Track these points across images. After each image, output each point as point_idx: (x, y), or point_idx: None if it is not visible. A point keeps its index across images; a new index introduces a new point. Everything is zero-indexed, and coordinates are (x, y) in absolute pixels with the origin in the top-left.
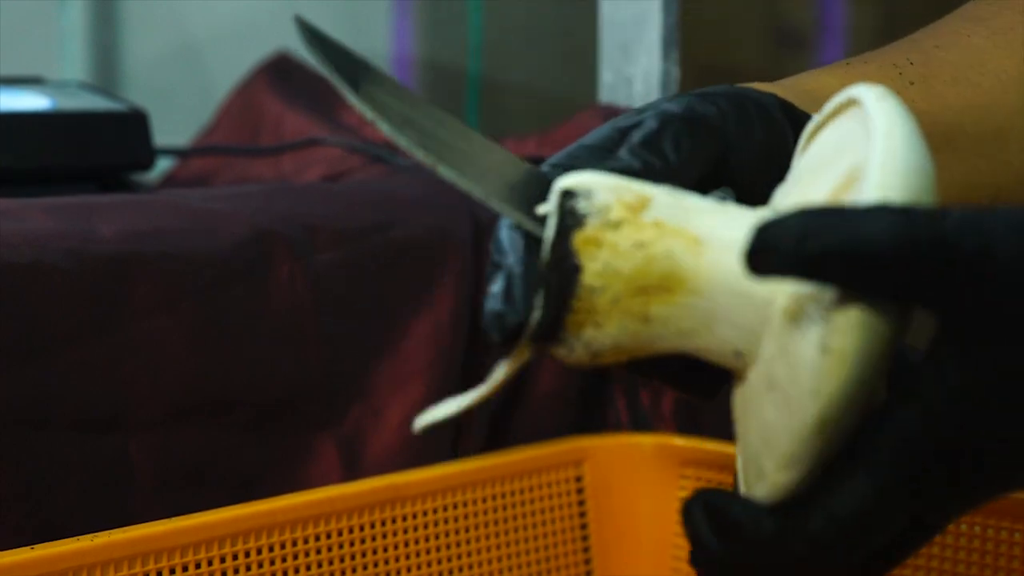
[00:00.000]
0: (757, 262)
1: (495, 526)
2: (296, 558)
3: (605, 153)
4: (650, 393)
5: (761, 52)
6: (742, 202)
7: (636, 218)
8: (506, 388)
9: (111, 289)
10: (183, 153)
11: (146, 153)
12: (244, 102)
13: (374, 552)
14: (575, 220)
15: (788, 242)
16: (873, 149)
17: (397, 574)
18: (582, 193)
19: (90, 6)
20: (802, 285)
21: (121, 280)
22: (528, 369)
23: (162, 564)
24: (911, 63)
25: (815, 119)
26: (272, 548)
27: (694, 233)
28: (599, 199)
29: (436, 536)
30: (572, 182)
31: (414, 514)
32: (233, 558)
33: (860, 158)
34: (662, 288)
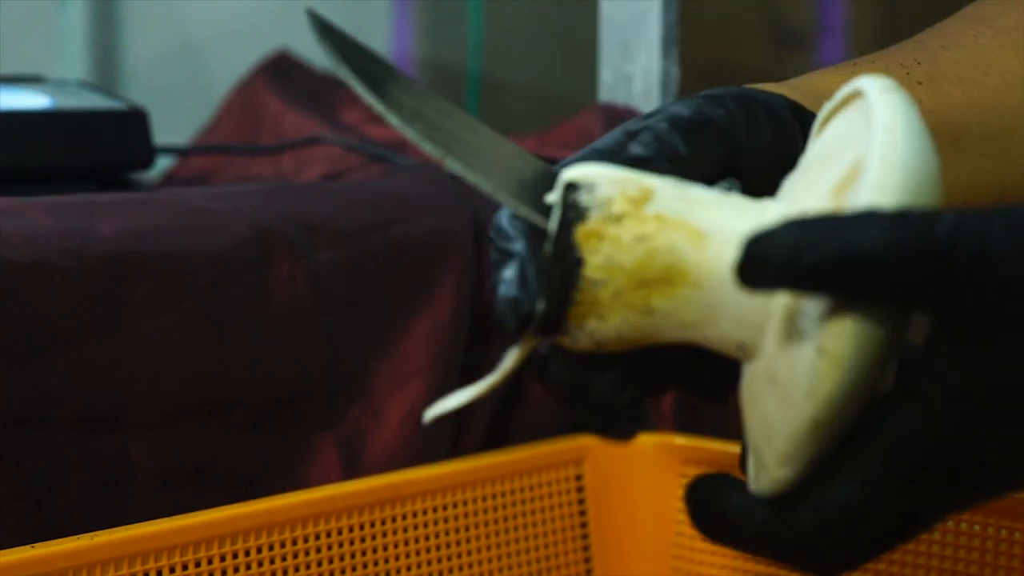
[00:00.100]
0: (749, 276)
1: (495, 525)
2: (296, 557)
3: (615, 156)
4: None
5: (761, 51)
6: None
7: (638, 211)
8: (506, 386)
9: (111, 289)
10: (183, 152)
11: (146, 152)
12: (244, 101)
13: (374, 551)
14: (577, 213)
15: (780, 255)
16: (873, 145)
17: (397, 573)
18: (585, 186)
19: (90, 6)
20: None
21: (121, 280)
22: (528, 368)
23: (162, 563)
24: (918, 63)
25: (826, 107)
26: (272, 547)
27: (697, 226)
28: (601, 192)
29: (436, 535)
30: (576, 174)
31: (414, 513)
32: (233, 557)
33: (862, 152)
34: (664, 281)
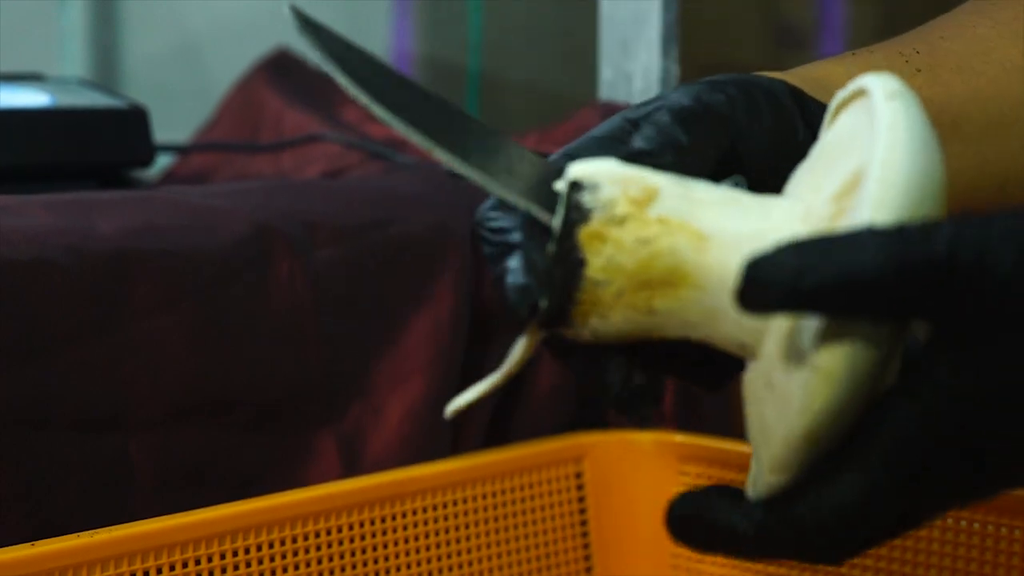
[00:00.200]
0: (750, 300)
1: (495, 523)
2: (296, 555)
3: (615, 143)
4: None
5: (761, 50)
6: (754, 188)
7: (641, 213)
8: (505, 384)
9: (111, 287)
10: (183, 150)
11: (146, 149)
12: (244, 99)
13: (374, 549)
14: (580, 215)
15: (781, 279)
16: (874, 159)
17: (397, 571)
18: (588, 186)
19: (90, 4)
20: None
21: (121, 278)
22: (528, 366)
23: (162, 561)
24: (917, 52)
25: (839, 96)
26: (272, 545)
27: (699, 228)
28: (605, 193)
29: (436, 533)
30: (580, 173)
31: (414, 511)
32: (233, 555)
33: (864, 162)
34: (666, 283)
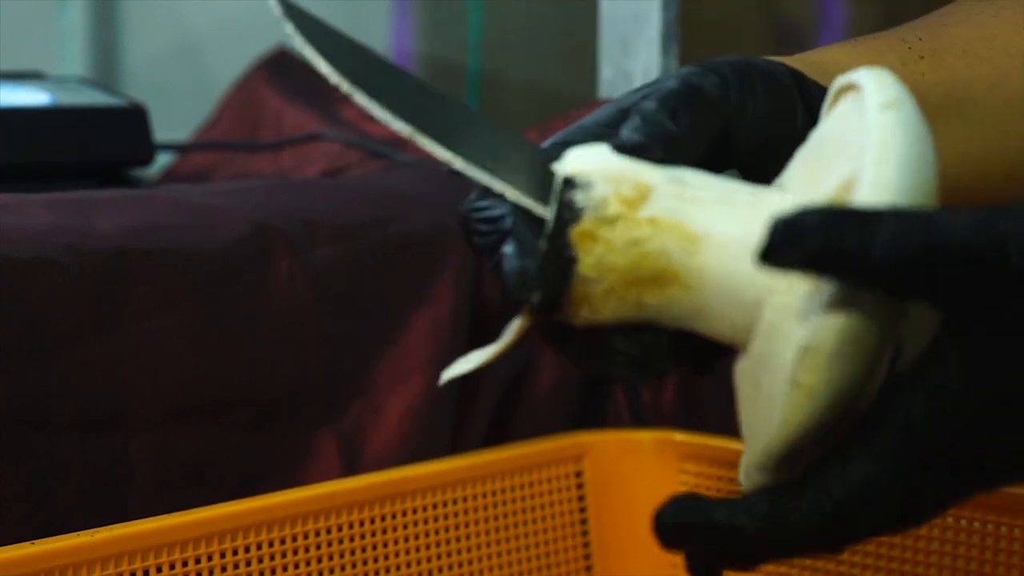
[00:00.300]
0: (773, 254)
1: (495, 522)
2: (296, 554)
3: (607, 132)
4: (650, 388)
5: (760, 49)
6: (751, 170)
7: (632, 213)
8: (505, 385)
9: (111, 287)
10: (183, 148)
11: (146, 148)
12: (244, 97)
13: (373, 548)
14: (572, 214)
15: (812, 238)
16: (864, 178)
17: (397, 569)
18: (581, 184)
19: (90, 4)
20: (786, 299)
21: (121, 277)
22: (527, 365)
23: (162, 560)
24: (920, 39)
25: (837, 83)
26: (272, 544)
27: (691, 229)
28: (597, 192)
29: (436, 532)
30: (574, 169)
31: (414, 509)
32: (233, 553)
33: (856, 170)
34: (655, 282)
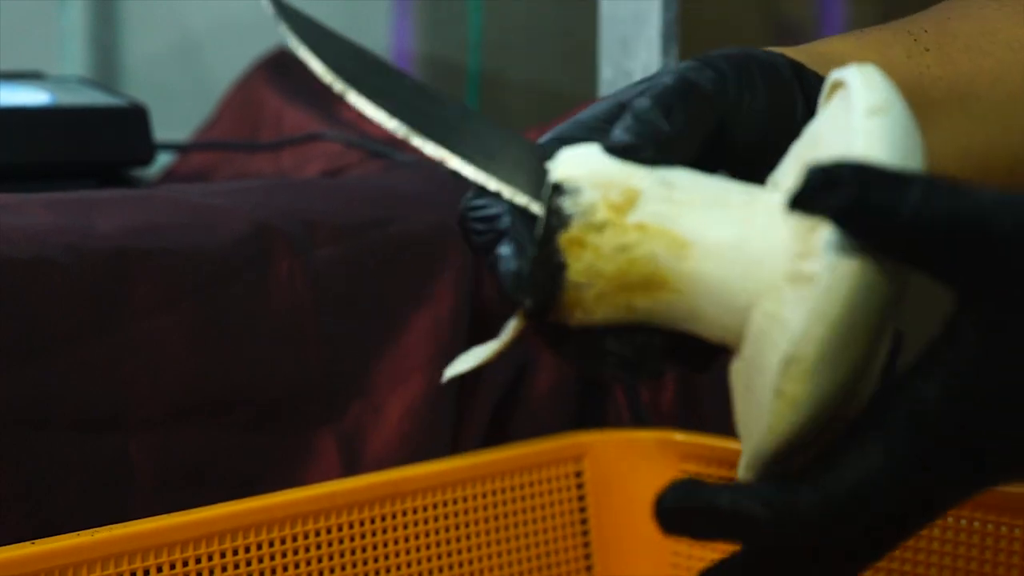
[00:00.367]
0: (806, 199)
1: (495, 522)
2: (296, 553)
3: (603, 129)
4: (649, 388)
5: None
6: (749, 165)
7: (621, 219)
8: (505, 384)
9: (111, 286)
10: (183, 148)
11: (146, 148)
12: (244, 97)
13: (374, 548)
14: (560, 220)
15: (843, 187)
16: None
17: (397, 569)
18: (569, 190)
19: (90, 4)
20: (773, 306)
21: (121, 277)
22: (527, 365)
23: (162, 559)
24: (925, 31)
25: (830, 79)
26: (272, 544)
27: (679, 235)
28: (585, 198)
29: (436, 532)
30: (562, 175)
31: (414, 509)
32: (233, 553)
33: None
34: (645, 287)
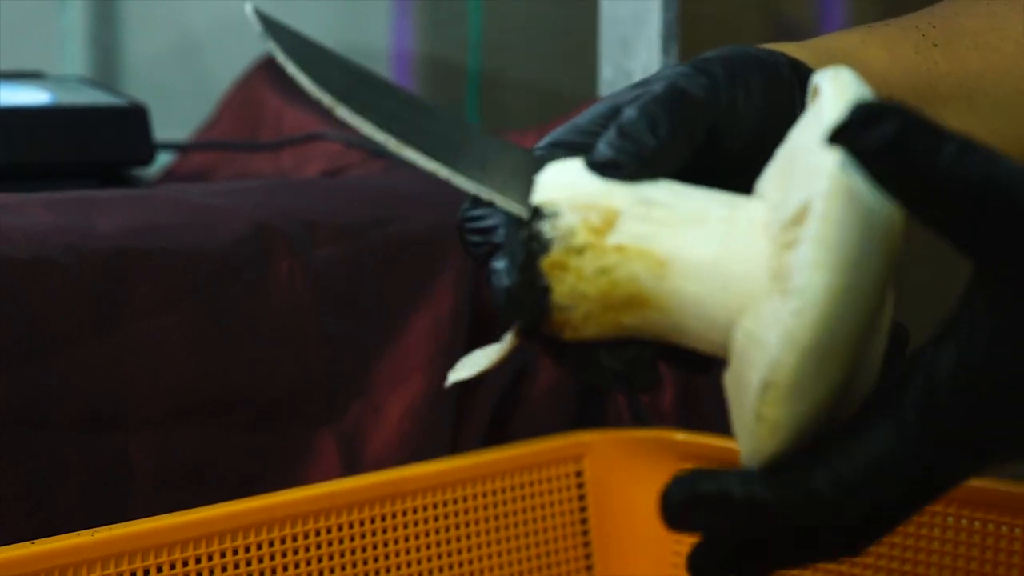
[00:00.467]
0: (846, 134)
1: (495, 521)
2: (296, 553)
3: (600, 130)
4: (648, 393)
5: None
6: (744, 168)
7: (600, 241)
8: (505, 384)
9: (111, 286)
10: (183, 148)
11: (146, 148)
12: (244, 97)
13: (374, 547)
14: (541, 245)
15: (885, 126)
16: (815, 196)
17: (397, 569)
18: (548, 214)
19: (90, 3)
20: (753, 326)
21: (121, 277)
22: (526, 365)
23: (162, 559)
24: (933, 27)
25: (812, 82)
26: (272, 543)
27: (659, 255)
28: (564, 222)
29: (436, 531)
30: (542, 199)
31: (414, 509)
32: (233, 553)
33: (810, 198)
34: (629, 306)
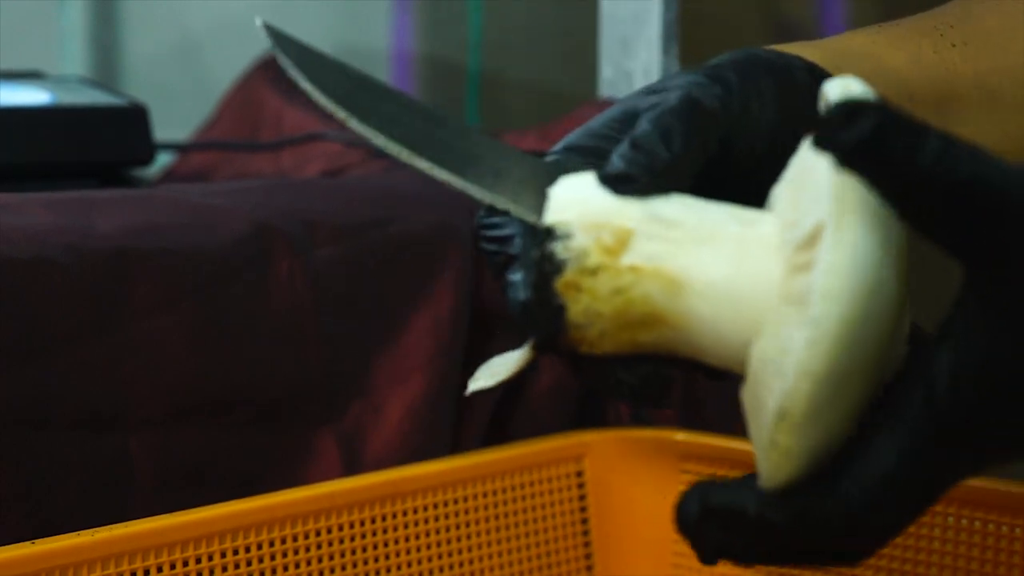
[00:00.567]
0: (824, 140)
1: (495, 521)
2: (296, 553)
3: (614, 136)
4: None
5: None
6: (758, 176)
7: (613, 262)
8: (505, 384)
9: (111, 286)
10: (183, 148)
11: (146, 148)
12: (244, 97)
13: (374, 547)
14: (554, 266)
15: (863, 123)
16: (827, 219)
17: (397, 569)
18: (561, 235)
19: (90, 3)
20: (766, 350)
21: (121, 277)
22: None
23: (162, 559)
24: (951, 26)
25: (823, 89)
26: (272, 543)
27: (672, 274)
28: (577, 243)
29: (436, 531)
30: (554, 219)
31: (414, 509)
32: (233, 553)
33: (820, 221)
34: (644, 325)
